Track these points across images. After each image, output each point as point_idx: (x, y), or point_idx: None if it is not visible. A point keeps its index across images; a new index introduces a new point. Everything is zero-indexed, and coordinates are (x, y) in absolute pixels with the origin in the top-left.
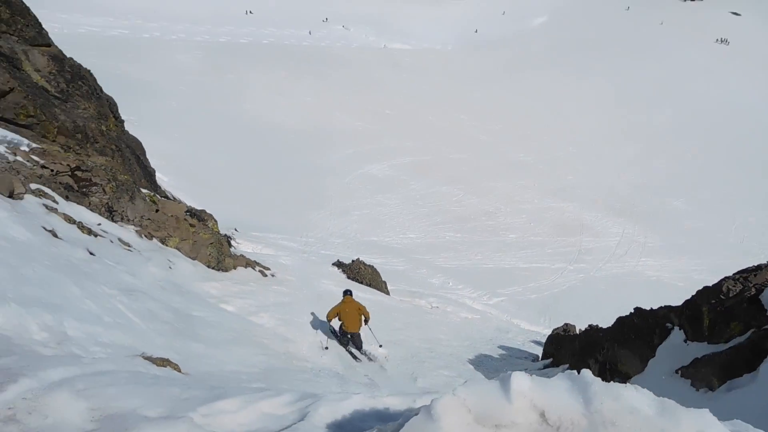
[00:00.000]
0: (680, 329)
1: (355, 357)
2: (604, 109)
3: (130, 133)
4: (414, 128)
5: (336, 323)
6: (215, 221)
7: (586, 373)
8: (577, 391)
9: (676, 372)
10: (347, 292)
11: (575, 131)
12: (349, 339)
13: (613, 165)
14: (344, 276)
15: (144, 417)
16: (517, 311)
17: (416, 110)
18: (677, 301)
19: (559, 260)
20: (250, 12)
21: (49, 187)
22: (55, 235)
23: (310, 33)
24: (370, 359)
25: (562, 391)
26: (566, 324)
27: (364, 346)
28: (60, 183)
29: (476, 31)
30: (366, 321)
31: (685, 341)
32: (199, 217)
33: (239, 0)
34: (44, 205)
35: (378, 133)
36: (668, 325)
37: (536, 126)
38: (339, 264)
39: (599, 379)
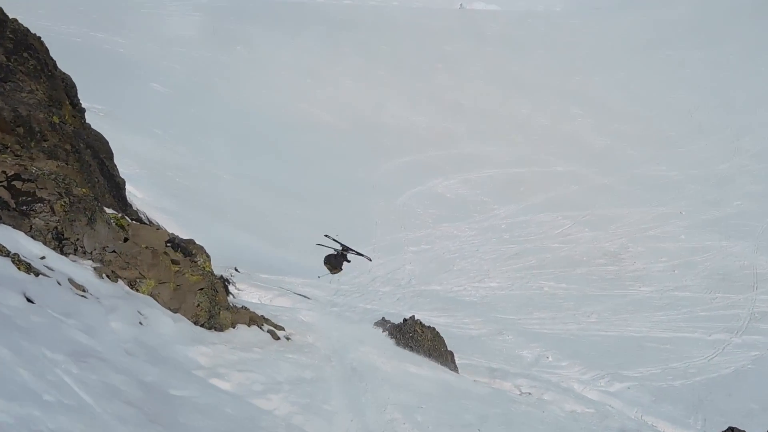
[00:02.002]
0: None
1: None
2: None
3: (93, 127)
4: (501, 127)
5: None
6: (208, 257)
7: None
8: None
9: None
10: None
11: (746, 133)
12: None
13: None
14: (392, 341)
15: None
16: (652, 405)
17: (505, 101)
18: None
19: (718, 328)
20: None
21: None
22: None
23: None
24: None
25: None
26: (733, 429)
27: None
28: None
29: None
30: None
31: None
32: (185, 250)
33: None
34: None
35: (447, 133)
36: None
37: (684, 125)
38: (384, 323)
39: None
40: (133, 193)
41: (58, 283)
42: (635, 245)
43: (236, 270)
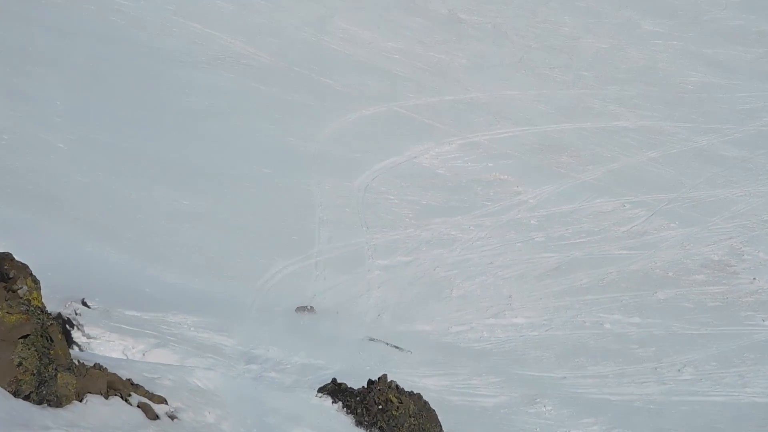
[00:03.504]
0: None
1: None
2: None
3: None
4: (528, 55)
5: None
6: (36, 283)
7: None
8: None
9: None
10: None
11: None
12: None
13: None
14: (348, 419)
15: None
16: None
17: (533, 9)
18: None
19: None
20: None
21: None
22: None
23: None
24: None
25: None
26: None
27: None
28: None
29: None
30: None
31: None
32: None
33: None
34: None
35: (438, 66)
36: None
37: None
38: (336, 390)
39: None
40: None
41: None
42: (755, 250)
43: (84, 304)
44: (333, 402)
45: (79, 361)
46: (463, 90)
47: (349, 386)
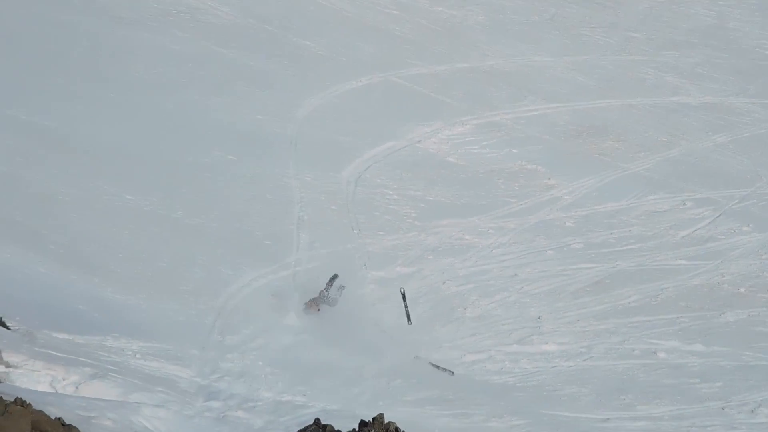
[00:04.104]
0: None
1: None
2: None
3: None
4: (563, 10)
5: None
6: None
7: None
8: None
9: None
10: None
11: None
12: None
13: None
14: None
15: None
16: None
17: None
18: None
19: None
20: None
21: None
22: None
23: None
24: None
25: None
26: None
27: None
28: None
29: None
30: None
31: None
32: None
33: None
34: None
35: (446, 25)
36: None
37: None
38: None
39: None
40: None
41: None
42: None
43: (2, 325)
44: None
45: None
46: (479, 56)
47: (336, 429)
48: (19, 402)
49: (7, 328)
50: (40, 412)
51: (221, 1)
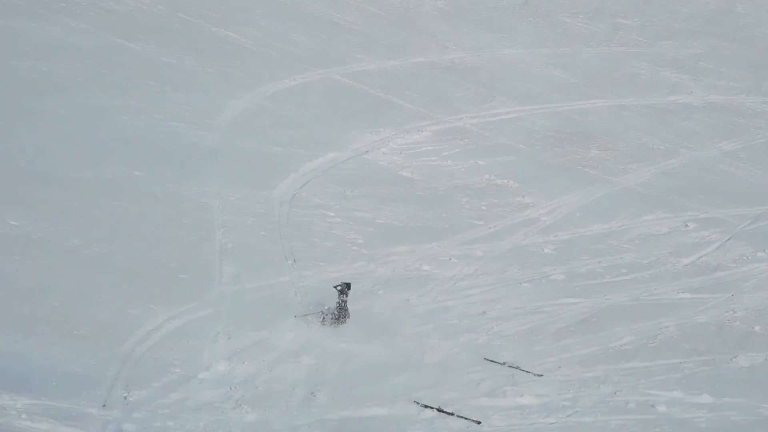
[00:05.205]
0: None
1: None
2: None
3: None
4: None
5: None
6: None
7: None
8: None
9: None
10: None
11: None
12: None
13: None
14: None
15: None
16: None
17: None
18: None
19: None
20: None
21: None
22: None
23: None
24: None
25: None
26: None
27: None
28: None
29: None
30: None
31: None
32: None
33: None
34: None
35: (397, 11)
36: None
37: None
38: None
39: None
40: None
41: None
42: None
43: None
44: None
45: None
46: (438, 49)
47: None
48: None
49: None
50: None
51: None
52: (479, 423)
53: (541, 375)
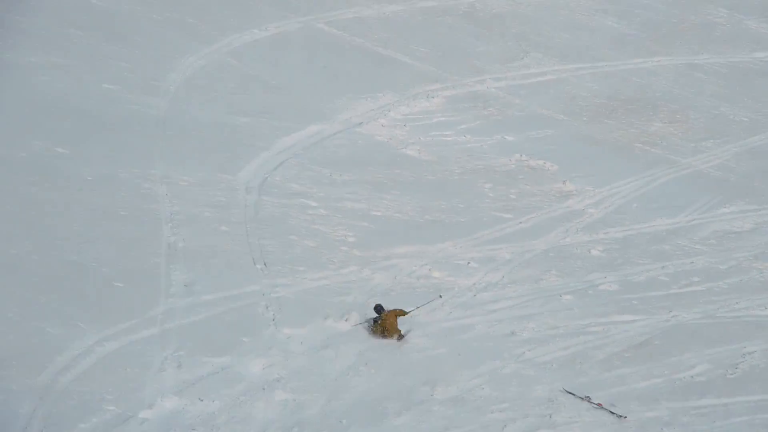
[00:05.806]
0: None
1: None
2: None
3: None
4: None
5: None
6: None
7: None
8: None
9: None
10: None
11: None
12: None
13: None
14: None
15: None
16: None
17: None
18: None
19: None
20: None
21: None
22: None
23: None
24: None
25: None
26: None
27: None
28: None
29: None
30: None
31: None
32: None
33: None
34: None
35: None
36: None
37: None
38: None
39: None
40: None
41: None
42: None
43: None
44: None
45: None
46: None
47: None
48: None
49: None
50: None
51: None
52: (625, 417)
53: (625, 417)
